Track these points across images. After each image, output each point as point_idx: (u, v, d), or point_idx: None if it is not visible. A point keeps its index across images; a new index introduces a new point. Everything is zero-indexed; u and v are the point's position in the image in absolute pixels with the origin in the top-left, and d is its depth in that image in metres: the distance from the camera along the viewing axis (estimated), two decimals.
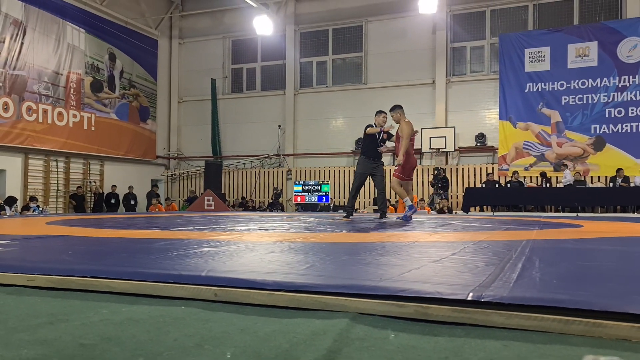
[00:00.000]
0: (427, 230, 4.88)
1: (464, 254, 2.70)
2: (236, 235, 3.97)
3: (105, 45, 16.20)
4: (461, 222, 6.56)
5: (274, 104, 17.69)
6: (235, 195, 17.76)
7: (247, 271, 2.07)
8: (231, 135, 18.23)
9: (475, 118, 15.36)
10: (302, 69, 17.52)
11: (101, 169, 16.16)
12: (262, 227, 5.20)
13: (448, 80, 15.58)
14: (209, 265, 2.19)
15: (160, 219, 7.49)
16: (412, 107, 15.73)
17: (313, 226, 5.48)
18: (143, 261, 2.39)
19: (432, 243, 3.46)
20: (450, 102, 15.56)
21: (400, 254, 2.71)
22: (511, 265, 2.24)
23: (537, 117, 14.50)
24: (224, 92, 18.52)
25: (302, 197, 16.23)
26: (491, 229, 5.11)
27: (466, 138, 15.29)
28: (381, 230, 4.84)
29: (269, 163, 17.83)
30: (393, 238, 3.85)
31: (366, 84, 16.55)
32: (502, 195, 13.03)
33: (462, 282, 1.83)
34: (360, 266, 2.23)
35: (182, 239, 3.61)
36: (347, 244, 3.42)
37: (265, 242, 3.41)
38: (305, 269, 2.13)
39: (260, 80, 18.13)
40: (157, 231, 4.60)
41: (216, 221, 6.57)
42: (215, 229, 4.81)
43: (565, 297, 1.54)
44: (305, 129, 17.25)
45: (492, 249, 2.96)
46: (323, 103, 16.91)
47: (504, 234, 4.34)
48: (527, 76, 14.61)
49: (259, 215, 9.18)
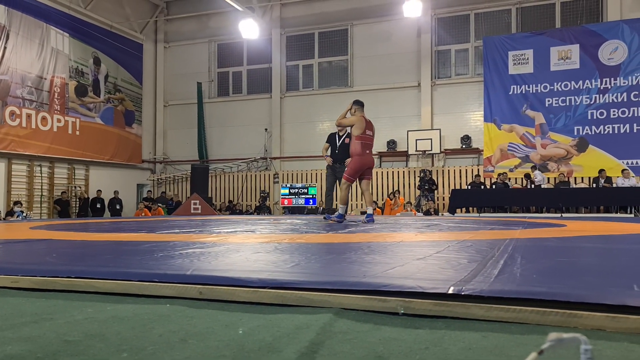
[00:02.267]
0: (413, 231, 4.92)
1: (448, 252, 2.73)
2: (222, 237, 3.98)
3: (90, 49, 16.09)
4: (447, 223, 6.62)
5: (260, 107, 17.70)
6: (222, 199, 17.71)
7: (232, 269, 2.08)
8: (218, 138, 18.19)
9: (460, 120, 15.50)
10: (288, 72, 17.56)
11: (86, 173, 16.04)
12: (249, 230, 5.21)
13: (433, 83, 15.71)
14: (194, 265, 2.21)
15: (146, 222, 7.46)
16: (398, 110, 15.85)
17: (300, 228, 5.50)
18: (128, 262, 2.40)
19: (417, 242, 3.50)
20: (436, 104, 15.69)
21: (385, 253, 2.75)
22: (493, 262, 2.28)
23: (522, 119, 14.67)
24: (210, 95, 18.49)
25: (289, 200, 16.24)
26: (476, 229, 5.17)
27: (452, 140, 15.42)
28: (368, 231, 4.88)
29: (256, 166, 17.81)
30: (379, 238, 3.88)
31: (352, 86, 16.63)
32: (488, 196, 13.15)
33: (444, 277, 1.87)
34: (344, 264, 2.25)
35: (167, 241, 3.61)
36: (333, 244, 3.44)
37: (252, 243, 3.43)
38: (291, 267, 2.15)
39: (247, 84, 18.12)
40: (143, 234, 4.59)
41: (202, 224, 6.57)
42: (201, 232, 4.82)
43: (542, 290, 1.58)
44: (291, 132, 17.27)
45: (476, 247, 3.01)
46: (309, 106, 16.96)
47: (488, 234, 4.39)
48: (511, 78, 14.78)
49: (246, 219, 9.18)
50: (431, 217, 9.97)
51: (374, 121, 7.53)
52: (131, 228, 5.80)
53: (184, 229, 5.44)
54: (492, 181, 14.57)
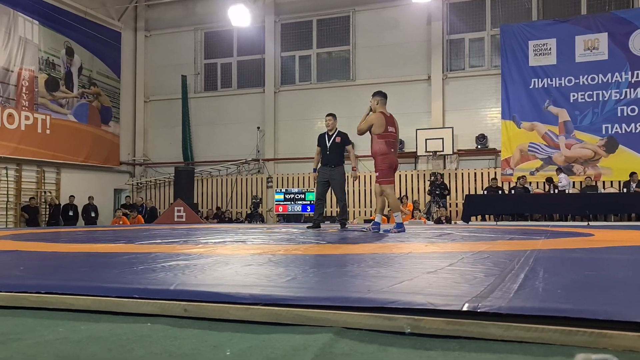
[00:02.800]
0: (423, 241, 4.93)
1: (462, 265, 2.74)
2: (209, 248, 3.98)
3: (62, 39, 16.11)
4: (460, 232, 6.64)
5: (252, 103, 17.72)
6: (209, 206, 17.71)
7: (220, 285, 2.08)
8: (204, 138, 18.20)
9: (475, 117, 15.53)
10: (283, 64, 17.58)
11: (57, 177, 16.03)
12: (239, 240, 5.22)
13: (445, 75, 15.74)
14: (178, 279, 2.21)
15: (124, 232, 7.46)
16: (405, 106, 15.85)
17: (296, 238, 5.51)
18: (104, 276, 2.40)
19: (427, 254, 3.51)
20: (448, 100, 15.72)
21: (391, 266, 2.76)
22: (512, 276, 2.28)
23: (544, 116, 14.70)
24: (196, 90, 18.51)
25: (285, 207, 16.24)
26: (493, 238, 5.19)
27: (466, 140, 15.45)
28: (372, 242, 4.88)
29: (247, 169, 17.82)
30: (384, 249, 3.89)
31: (354, 80, 16.66)
32: (506, 202, 13.17)
33: (458, 293, 1.87)
34: (346, 278, 2.25)
35: (148, 252, 3.61)
36: (333, 256, 3.45)
37: (242, 255, 3.43)
38: (286, 281, 2.15)
39: (237, 77, 18.15)
40: (120, 245, 4.60)
41: (187, 234, 6.57)
42: (186, 242, 4.82)
43: (568, 307, 1.58)
44: (287, 130, 17.29)
45: (493, 259, 3.02)
46: (307, 102, 16.98)
47: (507, 244, 4.41)
48: (531, 71, 14.82)
49: (236, 227, 9.17)
50: (443, 226, 9.96)
51: None
52: (108, 238, 5.80)
53: (166, 239, 5.44)
54: (511, 186, 14.59)
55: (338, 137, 8.12)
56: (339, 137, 8.12)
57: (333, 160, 8.07)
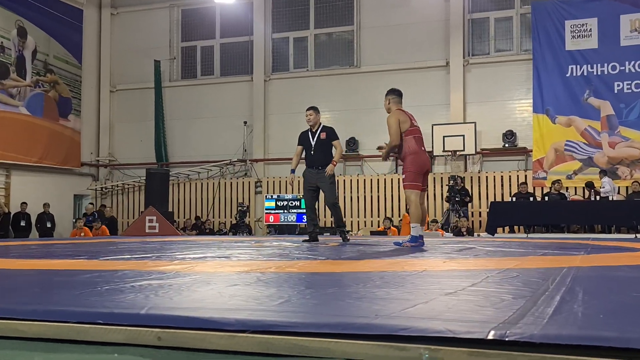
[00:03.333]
0: (440, 257, 4.93)
1: (486, 285, 2.76)
2: (187, 265, 3.99)
3: (13, 17, 16.12)
4: (484, 246, 6.64)
5: (238, 93, 17.72)
6: (186, 215, 17.69)
7: (201, 308, 2.08)
8: (181, 135, 18.20)
9: (502, 111, 15.54)
10: (275, 48, 17.60)
11: (7, 180, 16.00)
12: (223, 255, 5.22)
13: (466, 61, 15.77)
14: (150, 302, 2.20)
15: (86, 245, 7.45)
16: (419, 97, 15.84)
17: (290, 253, 5.51)
18: (63, 298, 2.40)
19: (445, 272, 3.52)
20: (470, 90, 15.74)
21: (403, 286, 2.77)
22: (546, 298, 2.29)
23: (583, 109, 14.72)
24: (172, 78, 18.52)
25: (276, 216, 16.23)
26: (523, 254, 5.20)
27: (491, 137, 15.46)
28: (379, 257, 4.88)
29: (232, 171, 17.81)
30: (395, 266, 3.89)
31: (359, 66, 16.68)
32: (538, 211, 13.16)
33: (482, 318, 1.87)
34: (349, 301, 2.25)
35: (115, 270, 3.61)
36: (333, 275, 3.45)
37: (226, 273, 3.44)
38: (279, 304, 2.16)
39: (220, 63, 18.16)
40: (82, 261, 4.60)
41: (161, 248, 6.56)
42: (159, 258, 4.82)
43: (612, 335, 1.58)
44: (279, 126, 17.30)
45: (523, 278, 3.03)
46: (303, 92, 16.98)
47: (540, 261, 4.42)
48: (568, 56, 14.85)
49: (219, 240, 9.16)
50: (463, 239, 9.95)
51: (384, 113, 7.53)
52: (67, 253, 5.79)
53: (136, 253, 5.43)
54: (544, 191, 14.59)
55: (323, 132, 8.08)
56: (324, 133, 8.08)
57: (319, 160, 8.02)
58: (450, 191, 14.58)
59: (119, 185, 18.54)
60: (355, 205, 16.30)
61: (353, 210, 16.35)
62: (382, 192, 16.06)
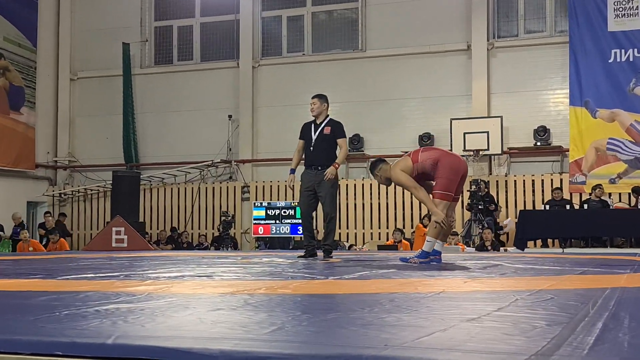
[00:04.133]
0: (460, 275, 4.95)
1: (516, 310, 2.76)
2: (162, 286, 3.99)
3: None
4: (513, 263, 6.63)
5: (221, 82, 17.71)
6: (160, 226, 17.66)
7: (178, 337, 2.08)
8: (155, 131, 18.17)
9: (533, 103, 15.54)
10: (265, 28, 17.60)
11: None
12: (204, 273, 5.22)
13: (491, 45, 15.77)
14: (118, 330, 2.20)
15: (41, 262, 7.44)
16: (436, 87, 15.85)
17: (283, 271, 5.51)
18: (15, 324, 2.39)
19: (466, 294, 3.55)
20: (495, 78, 15.73)
21: (417, 310, 2.78)
22: (586, 325, 2.29)
23: (628, 101, 14.73)
24: (143, 64, 18.50)
25: (267, 228, 16.21)
26: (558, 272, 5.21)
27: (520, 134, 15.45)
28: (389, 276, 4.88)
29: (214, 174, 17.79)
30: (407, 287, 3.90)
31: (364, 50, 16.67)
32: (576, 222, 13.13)
33: (511, 349, 1.87)
34: (354, 328, 2.26)
35: (76, 291, 3.62)
36: (335, 297, 3.46)
37: (208, 295, 3.45)
38: (270, 332, 2.15)
39: (201, 46, 18.15)
40: (37, 281, 4.60)
41: (131, 265, 6.56)
42: (128, 277, 4.83)
43: None
44: (270, 120, 17.29)
45: (559, 301, 3.04)
46: (298, 80, 16.98)
47: (578, 281, 4.43)
48: (611, 39, 14.85)
49: (199, 256, 9.14)
50: (488, 254, 9.94)
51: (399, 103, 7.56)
52: (18, 271, 5.78)
53: (101, 272, 5.43)
54: (583, 198, 14.58)
55: (327, 127, 7.91)
56: (329, 127, 7.90)
57: (320, 159, 7.88)
58: (472, 198, 14.53)
59: (80, 190, 18.50)
60: (360, 214, 16.28)
61: (357, 219, 16.32)
62: (391, 198, 16.02)
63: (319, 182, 7.81)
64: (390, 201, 16.07)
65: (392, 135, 15.81)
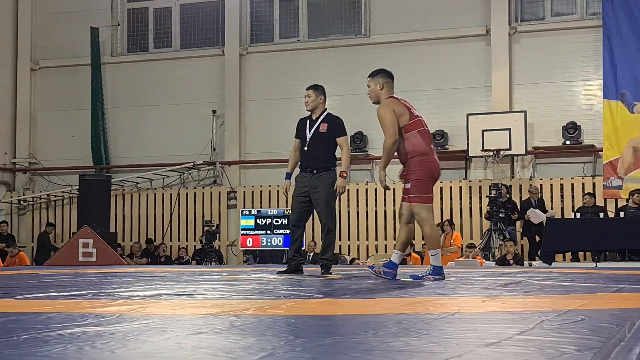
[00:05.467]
0: (478, 294, 4.95)
1: (541, 333, 2.76)
2: (135, 306, 3.98)
3: None
4: (538, 279, 6.63)
5: (204, 72, 17.73)
6: (134, 237, 17.65)
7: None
8: (128, 128, 18.18)
9: (561, 96, 15.56)
10: (254, 10, 17.62)
11: None
12: (184, 292, 5.21)
13: (513, 29, 15.79)
14: (85, 357, 2.20)
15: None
16: (450, 78, 15.86)
17: (275, 288, 5.51)
18: None
19: (485, 315, 3.54)
20: (518, 67, 15.75)
21: (428, 334, 2.76)
22: (622, 350, 2.29)
23: None
24: (115, 51, 18.52)
25: (256, 239, 16.21)
26: (591, 290, 5.20)
27: (546, 131, 15.47)
28: (396, 295, 4.88)
29: (196, 178, 17.79)
30: (416, 307, 3.90)
31: (368, 36, 16.70)
32: (611, 232, 13.12)
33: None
34: (355, 354, 2.25)
35: (37, 312, 3.61)
36: (333, 319, 3.46)
37: (189, 317, 3.45)
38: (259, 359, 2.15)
39: (180, 31, 18.15)
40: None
41: (100, 282, 6.55)
42: (97, 296, 4.82)
43: None
44: (260, 116, 17.31)
45: (591, 323, 3.04)
46: (292, 70, 17.00)
47: (613, 299, 4.43)
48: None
49: (178, 272, 9.13)
50: (510, 269, 9.93)
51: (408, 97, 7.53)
52: None
53: (66, 289, 5.42)
54: (619, 204, 14.58)
55: (324, 123, 7.81)
56: (325, 124, 7.81)
57: (315, 161, 7.81)
58: (492, 205, 14.50)
59: (42, 197, 18.48)
60: (364, 223, 16.27)
61: (360, 229, 16.30)
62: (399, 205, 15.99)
63: (314, 187, 7.75)
64: (398, 208, 16.00)
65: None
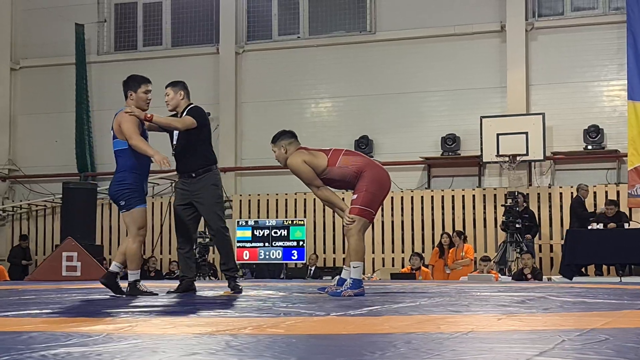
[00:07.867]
0: (493, 311, 4.94)
1: (562, 354, 2.75)
2: (124, 325, 3.99)
3: None
4: (558, 295, 6.63)
5: (197, 72, 17.73)
6: None
7: None
8: None
9: (582, 97, 15.56)
10: (251, 6, 17.64)
11: None
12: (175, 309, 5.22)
13: (530, 25, 15.81)
14: None
15: None
16: (463, 78, 15.86)
17: (274, 305, 5.53)
18: None
19: (501, 334, 3.53)
20: (535, 67, 15.76)
21: (440, 355, 2.76)
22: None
23: None
24: (101, 49, 18.55)
25: (253, 252, 16.22)
26: (615, 307, 5.20)
27: (566, 135, 15.47)
28: (405, 312, 4.88)
29: None
30: (426, 325, 3.90)
31: (374, 32, 16.71)
32: (637, 244, 13.12)
33: None
34: None
35: (18, 331, 3.61)
36: (338, 338, 3.46)
37: (181, 337, 3.45)
38: None
39: (172, 28, 18.18)
40: None
41: (85, 298, 6.55)
42: (82, 314, 4.83)
43: None
44: (257, 119, 17.32)
45: (616, 343, 3.04)
46: (292, 70, 17.02)
47: (638, 317, 4.43)
48: None
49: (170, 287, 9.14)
50: (528, 284, 9.93)
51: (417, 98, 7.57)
52: None
53: (49, 307, 5.42)
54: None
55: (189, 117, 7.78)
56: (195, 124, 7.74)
57: (189, 163, 7.68)
58: (508, 215, 14.49)
59: (23, 206, 18.49)
60: (369, 236, 16.22)
61: (366, 242, 16.24)
62: (407, 215, 16.03)
63: (195, 193, 7.55)
64: (406, 219, 16.05)
65: (409, 138, 15.79)
